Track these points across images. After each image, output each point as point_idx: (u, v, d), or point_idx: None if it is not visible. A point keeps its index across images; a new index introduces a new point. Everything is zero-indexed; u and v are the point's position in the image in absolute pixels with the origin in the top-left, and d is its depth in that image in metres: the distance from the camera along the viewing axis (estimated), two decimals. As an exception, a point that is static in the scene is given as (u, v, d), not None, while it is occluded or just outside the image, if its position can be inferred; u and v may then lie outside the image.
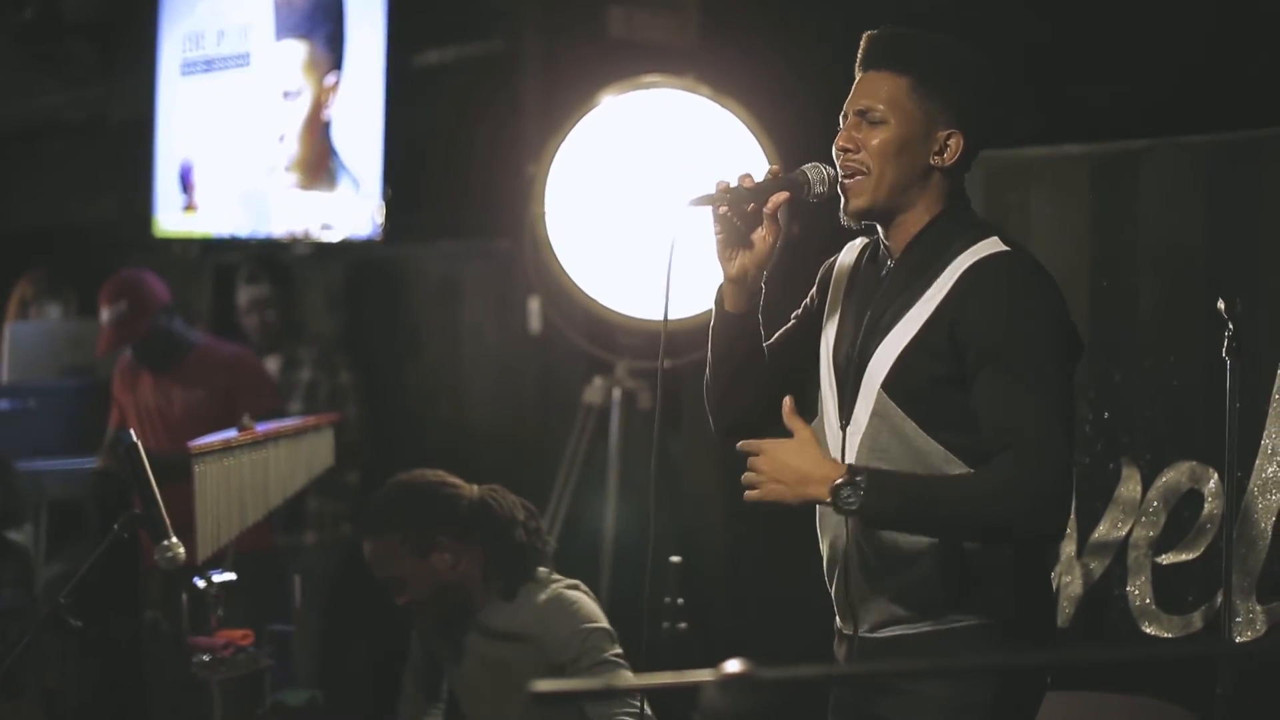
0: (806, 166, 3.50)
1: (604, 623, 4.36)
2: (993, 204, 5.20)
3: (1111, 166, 5.03)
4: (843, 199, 3.48)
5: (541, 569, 4.48)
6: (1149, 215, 4.94)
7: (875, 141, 3.44)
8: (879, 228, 3.53)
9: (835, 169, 3.49)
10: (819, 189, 3.48)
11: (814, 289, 3.71)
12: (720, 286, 3.56)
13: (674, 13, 6.48)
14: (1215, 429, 4.33)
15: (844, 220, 3.52)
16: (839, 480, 3.24)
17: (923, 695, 3.45)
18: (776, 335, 3.69)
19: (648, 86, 5.60)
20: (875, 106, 3.44)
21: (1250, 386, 4.60)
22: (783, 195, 3.48)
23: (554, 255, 5.60)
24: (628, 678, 3.81)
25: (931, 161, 3.46)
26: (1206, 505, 4.78)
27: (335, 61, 6.98)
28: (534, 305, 6.47)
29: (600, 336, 6.03)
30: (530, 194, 5.74)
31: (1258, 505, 4.65)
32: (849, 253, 3.67)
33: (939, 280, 3.41)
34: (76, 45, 8.99)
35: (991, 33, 5.37)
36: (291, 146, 7.16)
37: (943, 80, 3.47)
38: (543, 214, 5.61)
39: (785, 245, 3.74)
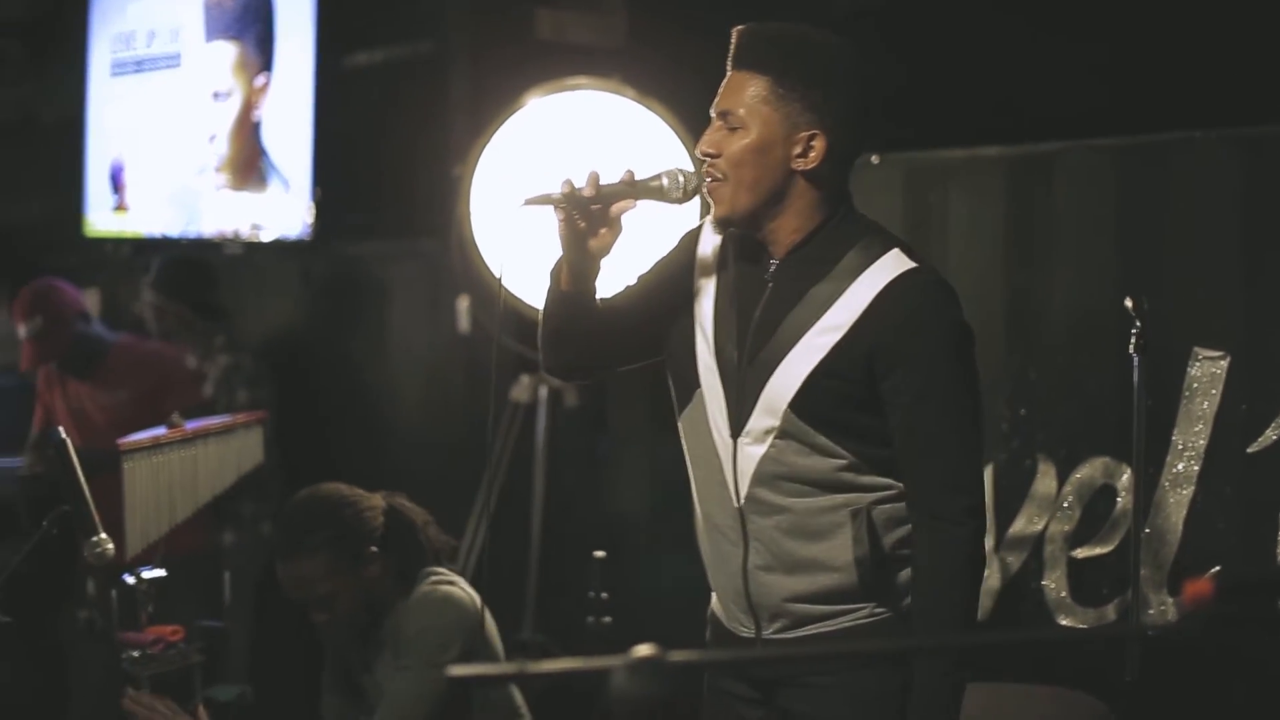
0: (664, 171, 3.43)
1: (453, 624, 4.30)
2: (911, 204, 5.27)
3: (1026, 168, 5.11)
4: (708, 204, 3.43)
5: (439, 567, 4.46)
6: (1062, 215, 5.02)
7: (732, 148, 3.35)
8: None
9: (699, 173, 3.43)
10: (675, 194, 3.42)
11: (672, 254, 3.62)
12: (557, 261, 3.53)
13: (601, 15, 6.50)
14: (1127, 425, 4.38)
15: (712, 225, 3.50)
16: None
17: (829, 687, 3.42)
18: (621, 292, 3.62)
19: (573, 88, 5.63)
20: (734, 110, 3.35)
21: (1161, 384, 4.69)
22: (627, 204, 3.43)
23: (479, 254, 5.62)
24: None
25: (793, 165, 3.35)
26: (1119, 500, 4.86)
27: (265, 63, 6.97)
28: (462, 304, 6.48)
29: (526, 335, 6.02)
30: (457, 194, 5.75)
31: (1169, 500, 4.73)
32: (711, 233, 3.56)
33: (846, 298, 3.34)
34: (6, 44, 8.96)
35: (910, 36, 5.46)
36: (222, 147, 7.15)
37: (803, 79, 3.33)
38: (469, 214, 5.63)
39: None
